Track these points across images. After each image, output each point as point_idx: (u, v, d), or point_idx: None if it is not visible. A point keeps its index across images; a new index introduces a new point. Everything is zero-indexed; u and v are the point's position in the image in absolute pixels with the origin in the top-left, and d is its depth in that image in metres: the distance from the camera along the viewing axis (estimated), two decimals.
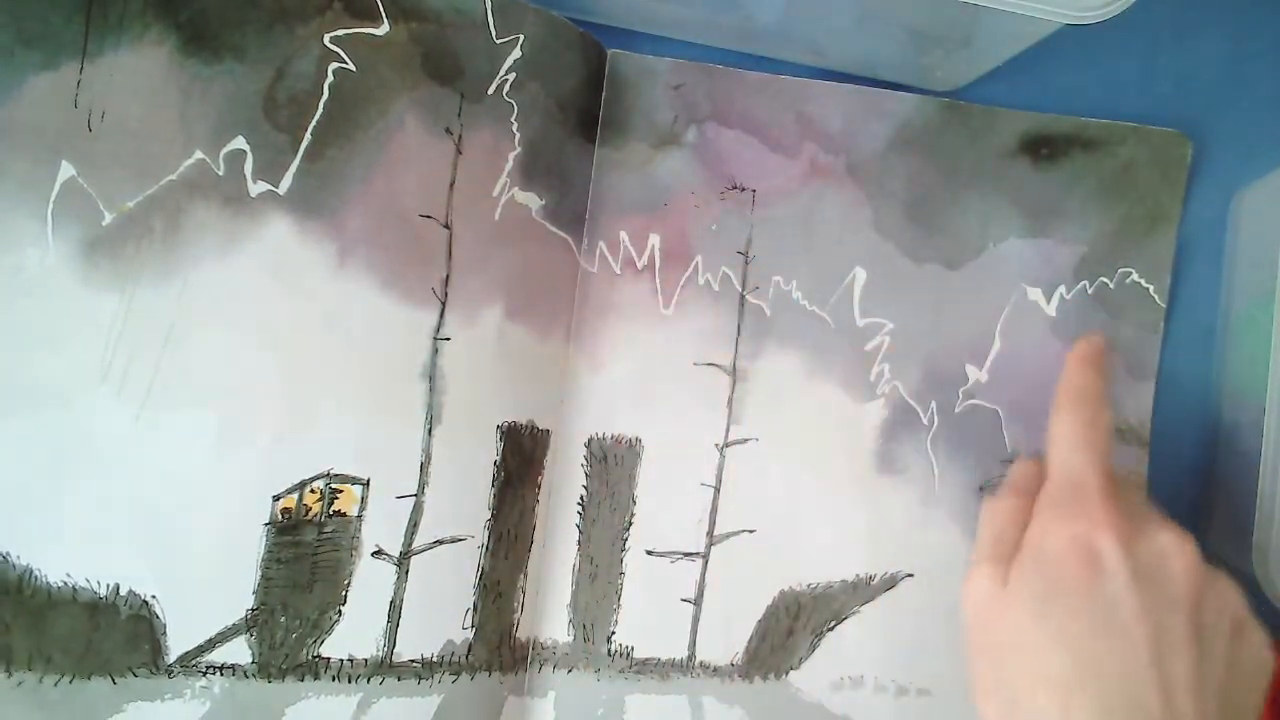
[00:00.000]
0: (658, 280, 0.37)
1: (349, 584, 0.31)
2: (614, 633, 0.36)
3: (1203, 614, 0.25)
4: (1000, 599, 0.26)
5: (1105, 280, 0.38)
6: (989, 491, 0.37)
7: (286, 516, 0.31)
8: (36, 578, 0.28)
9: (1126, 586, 0.24)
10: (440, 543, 0.32)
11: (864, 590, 0.37)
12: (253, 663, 0.30)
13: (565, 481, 0.36)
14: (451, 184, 0.33)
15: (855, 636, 0.36)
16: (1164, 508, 0.37)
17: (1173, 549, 0.25)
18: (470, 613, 0.33)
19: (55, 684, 0.29)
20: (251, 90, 0.30)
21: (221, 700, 0.30)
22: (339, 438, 0.31)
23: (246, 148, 0.30)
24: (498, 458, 0.33)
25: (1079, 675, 0.24)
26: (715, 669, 0.36)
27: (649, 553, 0.36)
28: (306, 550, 0.31)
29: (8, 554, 0.28)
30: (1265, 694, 0.26)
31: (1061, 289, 0.38)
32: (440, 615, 0.32)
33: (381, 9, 0.31)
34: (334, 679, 0.31)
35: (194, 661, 0.30)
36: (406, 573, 0.32)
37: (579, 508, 0.36)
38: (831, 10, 0.34)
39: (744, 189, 0.37)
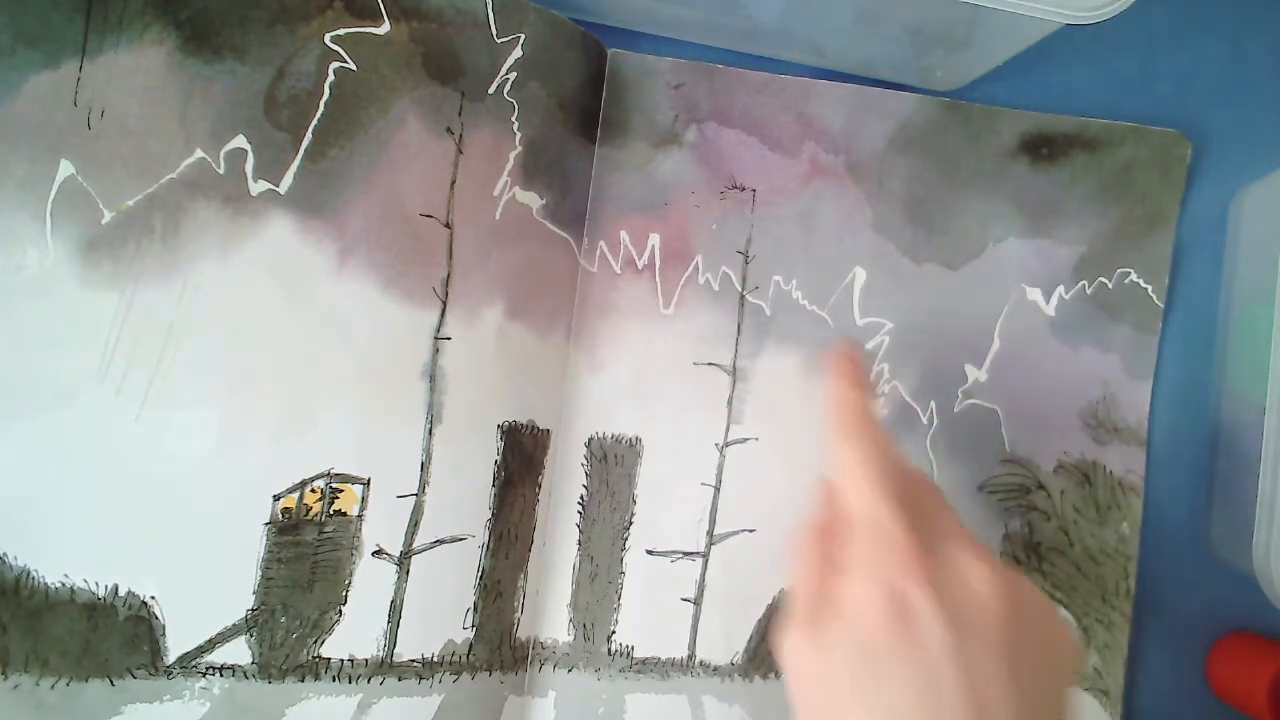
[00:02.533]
0: (658, 280, 0.37)
1: (349, 584, 0.31)
2: (614, 632, 0.36)
3: (1012, 631, 0.25)
4: (818, 664, 0.26)
5: (1104, 280, 0.38)
6: (985, 492, 0.37)
7: (287, 516, 0.30)
8: (34, 578, 0.28)
9: (938, 636, 0.25)
10: (441, 542, 0.32)
11: None
12: (253, 663, 0.30)
13: (565, 481, 0.36)
14: (452, 183, 0.32)
15: None
16: (1164, 508, 0.38)
17: (974, 571, 0.26)
18: (470, 612, 0.33)
19: (52, 686, 0.28)
20: (252, 89, 0.30)
21: (221, 701, 0.30)
22: (339, 437, 0.31)
23: (247, 147, 0.30)
24: (498, 457, 0.33)
25: None
26: (715, 668, 0.36)
27: (649, 552, 0.36)
28: (307, 550, 0.31)
29: (4, 555, 0.28)
30: (1073, 671, 0.28)
31: (1060, 289, 0.38)
32: (440, 615, 0.32)
33: (382, 8, 0.31)
34: (334, 679, 0.31)
35: (193, 662, 0.30)
36: (407, 572, 0.32)
37: (579, 507, 0.36)
38: (831, 10, 0.34)
39: (744, 189, 0.37)
